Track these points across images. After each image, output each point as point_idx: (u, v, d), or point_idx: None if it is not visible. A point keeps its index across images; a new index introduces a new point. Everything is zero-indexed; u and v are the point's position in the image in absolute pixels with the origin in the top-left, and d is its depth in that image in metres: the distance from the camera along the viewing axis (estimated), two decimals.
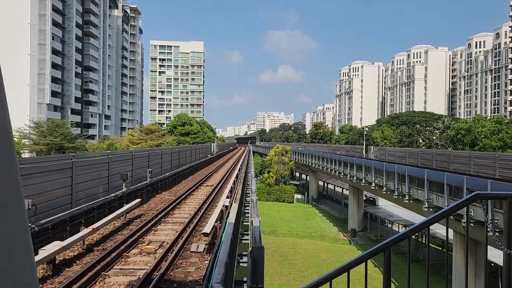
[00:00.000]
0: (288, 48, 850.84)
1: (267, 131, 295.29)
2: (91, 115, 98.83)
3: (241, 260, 12.05)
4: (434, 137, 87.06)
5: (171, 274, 9.76)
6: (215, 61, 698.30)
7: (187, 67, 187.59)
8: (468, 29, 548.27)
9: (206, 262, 10.64)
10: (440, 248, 33.84)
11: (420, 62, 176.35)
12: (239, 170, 37.06)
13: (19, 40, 74.69)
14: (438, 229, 29.88)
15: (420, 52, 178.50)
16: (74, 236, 11.35)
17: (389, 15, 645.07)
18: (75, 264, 10.36)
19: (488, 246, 3.85)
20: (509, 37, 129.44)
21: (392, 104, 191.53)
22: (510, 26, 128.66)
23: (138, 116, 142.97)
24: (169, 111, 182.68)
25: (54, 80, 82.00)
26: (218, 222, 14.42)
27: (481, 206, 16.41)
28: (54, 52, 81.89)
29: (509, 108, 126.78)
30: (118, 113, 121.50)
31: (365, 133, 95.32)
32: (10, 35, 73.72)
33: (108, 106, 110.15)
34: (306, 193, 65.63)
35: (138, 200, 17.91)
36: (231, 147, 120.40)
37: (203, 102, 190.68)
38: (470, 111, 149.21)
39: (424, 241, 35.03)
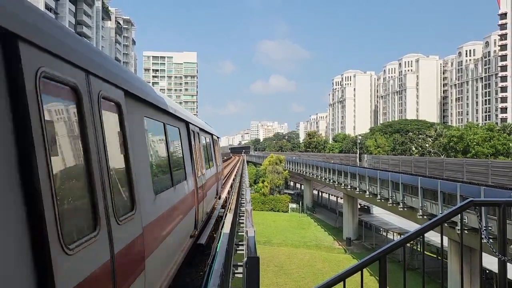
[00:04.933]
0: (279, 57, 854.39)
1: (261, 140, 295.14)
2: None
3: (236, 271, 11.96)
4: (427, 145, 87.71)
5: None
6: (208, 70, 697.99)
7: (181, 77, 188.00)
8: (458, 38, 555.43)
9: (201, 273, 10.54)
10: (435, 256, 33.86)
11: (411, 70, 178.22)
12: (233, 180, 36.95)
13: None
14: (433, 236, 29.92)
15: (412, 61, 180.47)
16: None
17: (380, 25, 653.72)
18: None
19: (483, 253, 3.86)
20: (499, 46, 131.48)
21: (384, 112, 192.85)
22: (499, 35, 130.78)
23: None
24: None
25: None
26: (213, 232, 14.36)
27: (475, 213, 16.45)
28: None
29: (500, 116, 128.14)
30: None
31: (359, 141, 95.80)
32: None
33: None
34: (300, 202, 65.53)
35: None
36: (225, 157, 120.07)
37: (197, 112, 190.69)
38: (461, 118, 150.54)
39: (419, 249, 35.03)
